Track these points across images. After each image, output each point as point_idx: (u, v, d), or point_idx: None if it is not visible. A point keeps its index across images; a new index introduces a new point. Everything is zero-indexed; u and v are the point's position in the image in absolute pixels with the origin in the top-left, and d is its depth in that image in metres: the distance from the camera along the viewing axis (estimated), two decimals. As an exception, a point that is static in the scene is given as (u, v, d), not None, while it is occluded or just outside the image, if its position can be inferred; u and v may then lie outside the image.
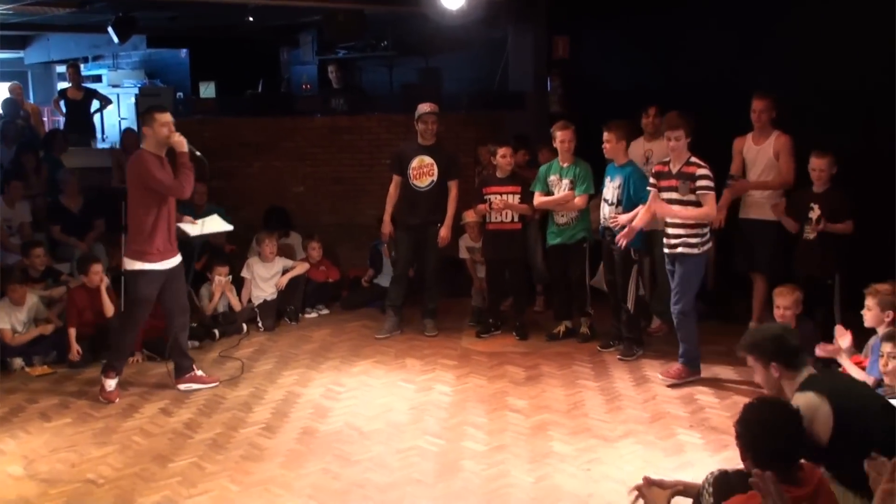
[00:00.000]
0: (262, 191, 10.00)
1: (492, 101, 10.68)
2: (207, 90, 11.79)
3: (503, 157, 8.05)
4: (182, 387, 6.96)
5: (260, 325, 8.55)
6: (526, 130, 9.69)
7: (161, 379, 7.18)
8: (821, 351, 5.86)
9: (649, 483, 3.99)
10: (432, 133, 8.19)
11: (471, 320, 8.65)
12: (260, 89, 12.13)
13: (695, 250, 6.68)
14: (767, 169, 7.44)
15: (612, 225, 7.28)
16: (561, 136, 7.76)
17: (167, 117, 6.61)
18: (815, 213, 7.02)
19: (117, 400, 6.74)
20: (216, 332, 8.24)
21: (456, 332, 8.38)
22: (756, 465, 3.42)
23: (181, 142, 6.60)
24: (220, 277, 8.46)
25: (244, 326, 8.45)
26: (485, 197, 8.11)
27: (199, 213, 9.12)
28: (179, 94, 12.63)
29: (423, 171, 8.21)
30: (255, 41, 13.74)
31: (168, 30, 13.10)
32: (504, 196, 8.02)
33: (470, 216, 8.58)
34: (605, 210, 7.40)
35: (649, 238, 7.44)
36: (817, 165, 7.02)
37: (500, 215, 8.07)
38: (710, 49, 9.01)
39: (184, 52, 14.16)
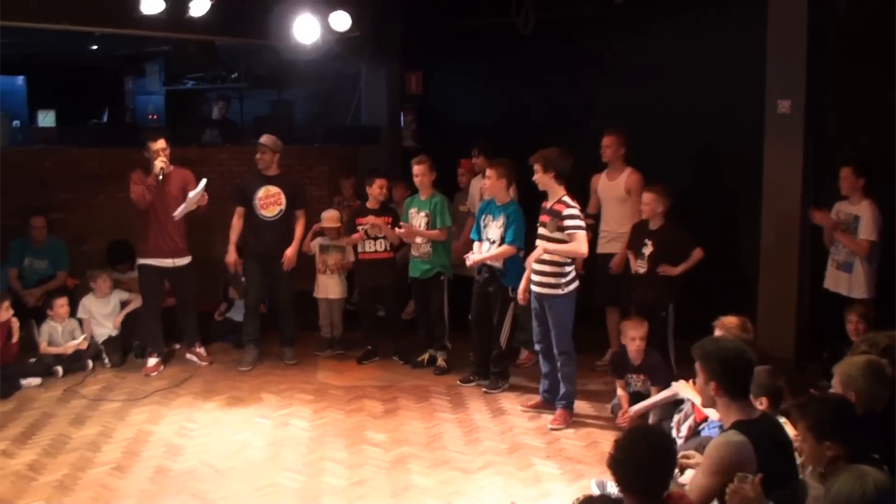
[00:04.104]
0: (107, 223, 9.64)
1: (346, 136, 10.69)
2: (46, 119, 11.36)
3: (380, 189, 8.13)
4: None
5: (106, 361, 8.23)
6: (380, 165, 9.74)
7: (0, 419, 6.82)
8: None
9: None
10: (266, 163, 8.15)
11: (321, 350, 8.63)
12: (105, 119, 11.75)
13: (559, 290, 6.69)
14: (618, 205, 7.69)
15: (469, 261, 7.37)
16: (415, 171, 7.89)
17: (157, 144, 7.85)
18: (648, 248, 7.29)
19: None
20: (59, 369, 7.88)
21: (311, 366, 8.30)
22: (622, 489, 3.52)
23: (156, 166, 7.81)
24: (73, 342, 8.13)
25: (90, 363, 8.10)
26: (358, 227, 8.16)
27: (39, 249, 8.80)
28: (16, 123, 12.10)
29: (270, 200, 8.18)
30: (99, 69, 13.31)
31: (2, 55, 12.53)
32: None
33: (329, 221, 8.59)
34: (486, 248, 7.32)
35: None
36: (646, 200, 7.27)
37: (375, 245, 8.13)
38: (562, 86, 9.30)
39: (20, 79, 13.59)
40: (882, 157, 7.16)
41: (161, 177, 7.78)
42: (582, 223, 6.60)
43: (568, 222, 6.57)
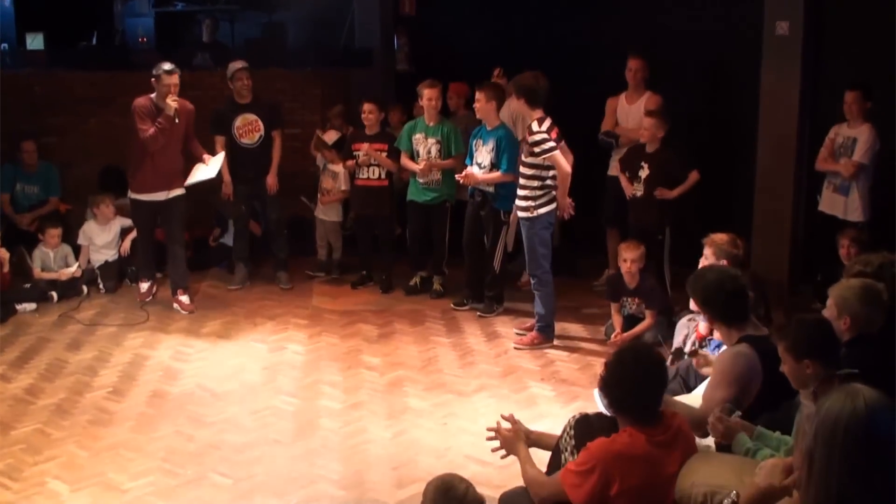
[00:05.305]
0: (98, 148, 9.53)
1: (338, 58, 10.53)
2: (35, 42, 11.14)
3: (368, 113, 8.03)
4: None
5: (101, 286, 8.23)
6: (373, 88, 9.63)
7: (-3, 345, 6.87)
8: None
9: (512, 421, 4.04)
10: (248, 89, 8.14)
11: (316, 270, 8.68)
12: (94, 41, 11.56)
13: (527, 213, 6.69)
14: (638, 128, 7.65)
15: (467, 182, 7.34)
16: (428, 94, 7.71)
17: (172, 79, 7.38)
18: (644, 171, 7.26)
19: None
20: (54, 294, 7.87)
21: (306, 291, 8.30)
22: (616, 409, 3.56)
23: (170, 106, 7.36)
24: (68, 270, 8.10)
25: (84, 288, 8.10)
26: (353, 153, 8.12)
27: (30, 174, 8.75)
28: (4, 46, 11.92)
29: (249, 128, 8.19)
30: (87, -9, 13.04)
31: (-11, -23, 12.30)
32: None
33: (327, 136, 8.68)
34: (477, 173, 7.29)
35: None
36: (644, 124, 7.25)
37: (368, 172, 8.09)
38: (558, 9, 9.14)
39: (7, 1, 13.35)
40: (880, 78, 7.10)
41: (177, 119, 7.43)
42: (551, 143, 6.52)
43: (536, 149, 6.54)
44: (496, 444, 4.02)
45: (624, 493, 3.39)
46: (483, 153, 7.28)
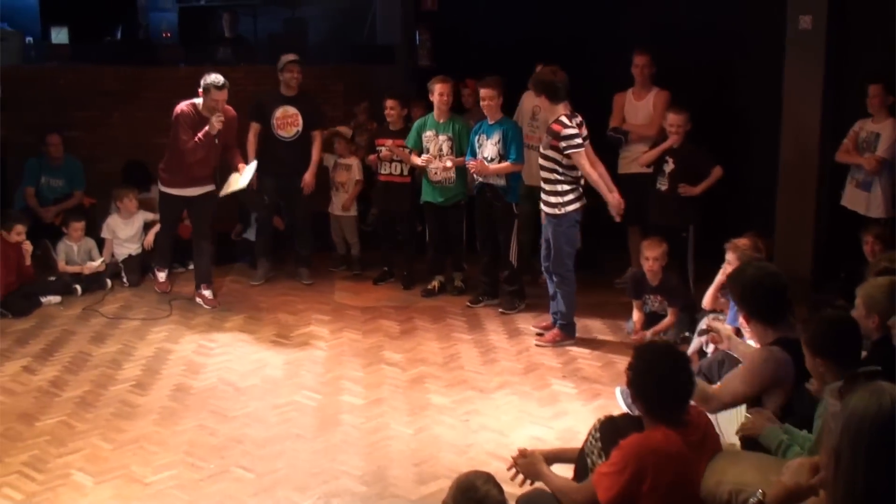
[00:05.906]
0: (124, 142, 9.60)
1: (360, 55, 10.54)
2: (59, 35, 11.22)
3: (389, 109, 8.04)
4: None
5: (125, 280, 8.27)
6: (395, 84, 9.62)
7: (22, 336, 6.90)
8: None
9: (524, 454, 3.92)
10: (297, 82, 8.12)
11: (335, 266, 8.74)
12: (118, 36, 11.62)
13: (555, 210, 6.62)
14: (647, 123, 7.62)
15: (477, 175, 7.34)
16: (439, 90, 7.66)
17: (221, 95, 7.31)
18: (669, 166, 7.25)
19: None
20: (78, 287, 7.92)
21: (328, 286, 8.31)
22: (645, 411, 3.52)
23: (214, 124, 7.31)
24: (92, 263, 8.16)
25: (108, 282, 8.15)
26: (377, 148, 8.13)
27: (55, 167, 8.80)
28: (29, 39, 12.00)
29: (288, 121, 8.17)
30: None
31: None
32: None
33: (342, 130, 8.72)
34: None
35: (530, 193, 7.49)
36: (674, 122, 7.22)
37: (390, 167, 8.08)
38: (578, 3, 9.11)
39: (33, -5, 13.42)
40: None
41: (217, 140, 7.46)
42: (577, 140, 6.46)
43: (563, 144, 6.47)
44: (520, 476, 3.90)
45: (655, 489, 3.35)
46: (489, 147, 7.28)
